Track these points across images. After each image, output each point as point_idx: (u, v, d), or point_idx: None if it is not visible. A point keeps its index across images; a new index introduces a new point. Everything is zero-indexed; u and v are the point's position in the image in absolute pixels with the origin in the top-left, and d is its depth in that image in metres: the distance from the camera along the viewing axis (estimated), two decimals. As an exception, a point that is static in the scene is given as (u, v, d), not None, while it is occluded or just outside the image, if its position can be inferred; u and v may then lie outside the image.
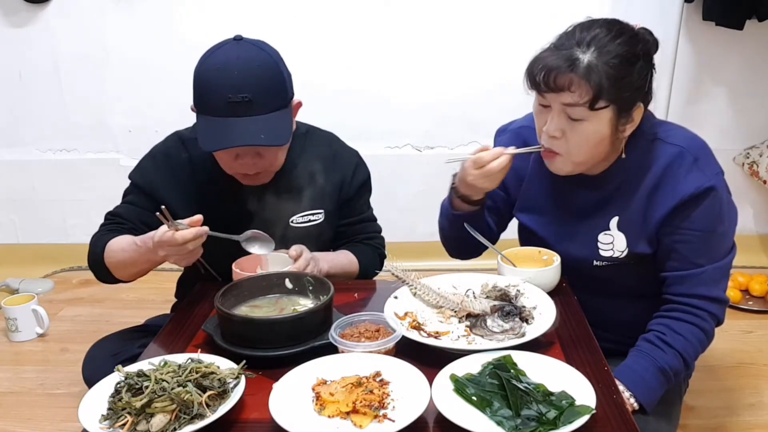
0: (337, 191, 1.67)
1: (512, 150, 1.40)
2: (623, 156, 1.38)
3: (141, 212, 1.57)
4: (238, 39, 1.44)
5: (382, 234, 1.81)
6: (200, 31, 2.84)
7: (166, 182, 1.57)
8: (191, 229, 1.33)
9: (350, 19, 2.84)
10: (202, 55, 1.45)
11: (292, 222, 1.61)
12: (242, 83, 1.38)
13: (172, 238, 1.32)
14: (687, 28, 2.72)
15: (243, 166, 1.47)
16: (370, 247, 1.74)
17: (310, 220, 1.63)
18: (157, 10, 2.86)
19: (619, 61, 1.26)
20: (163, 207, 1.32)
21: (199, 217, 1.35)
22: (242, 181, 1.54)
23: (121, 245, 1.49)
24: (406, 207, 2.95)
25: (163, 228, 1.33)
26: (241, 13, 2.84)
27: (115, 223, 1.57)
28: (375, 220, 1.80)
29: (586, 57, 1.26)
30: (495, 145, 1.61)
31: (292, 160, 1.59)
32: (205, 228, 1.35)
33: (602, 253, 1.44)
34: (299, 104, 1.55)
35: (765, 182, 2.87)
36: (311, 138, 1.66)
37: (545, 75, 1.27)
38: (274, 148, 1.47)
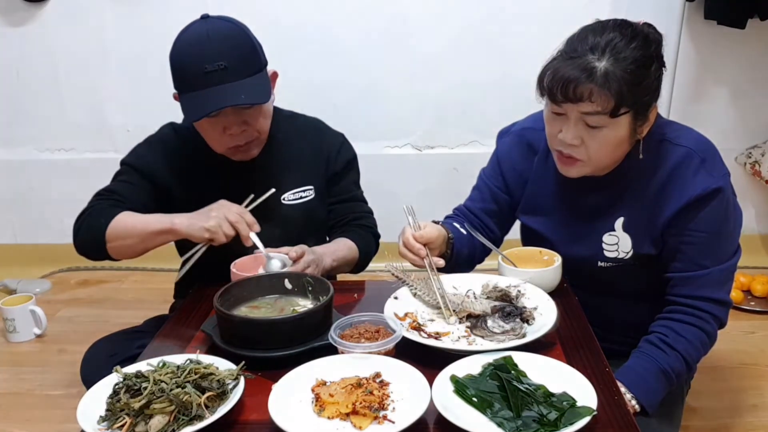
0: (324, 166, 1.71)
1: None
2: (641, 156, 1.36)
3: (139, 191, 1.59)
4: (204, 17, 1.52)
5: (374, 216, 1.81)
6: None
7: (162, 165, 1.61)
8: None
9: (350, 19, 2.83)
10: (174, 41, 1.51)
11: (284, 199, 1.64)
12: (216, 52, 1.44)
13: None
14: (688, 27, 2.72)
15: (232, 137, 1.51)
16: (363, 228, 1.74)
17: (301, 197, 1.66)
18: (156, 10, 2.85)
19: (636, 67, 1.24)
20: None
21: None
22: (233, 157, 1.57)
23: (144, 217, 1.49)
24: (406, 207, 2.94)
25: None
26: (240, 13, 2.82)
27: (113, 200, 1.56)
28: (365, 202, 1.81)
29: (602, 65, 1.23)
30: (498, 147, 1.60)
31: (279, 140, 1.65)
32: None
33: (607, 254, 1.43)
34: (275, 74, 1.59)
35: (767, 182, 2.86)
36: (297, 119, 1.73)
37: (563, 86, 1.24)
38: (257, 114, 1.51)
